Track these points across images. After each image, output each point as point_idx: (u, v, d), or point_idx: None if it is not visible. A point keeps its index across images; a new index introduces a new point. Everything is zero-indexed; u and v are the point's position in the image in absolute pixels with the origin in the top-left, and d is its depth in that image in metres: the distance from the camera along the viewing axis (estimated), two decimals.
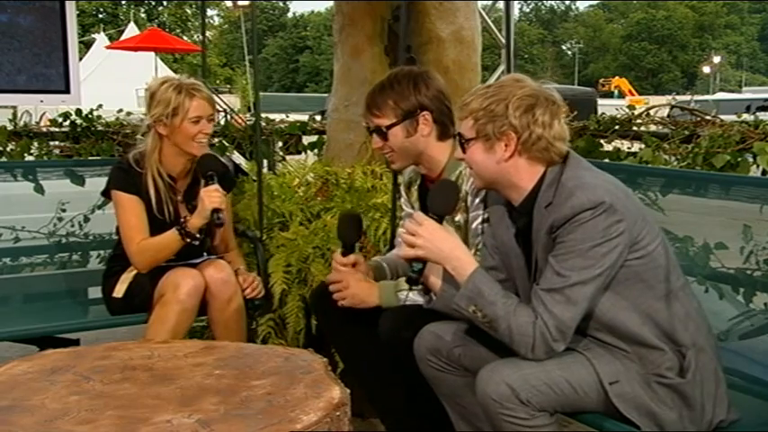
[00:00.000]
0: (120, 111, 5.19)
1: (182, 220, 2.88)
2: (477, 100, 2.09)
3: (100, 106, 5.00)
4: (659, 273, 2.03)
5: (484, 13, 5.16)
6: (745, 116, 4.14)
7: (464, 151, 2.16)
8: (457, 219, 2.53)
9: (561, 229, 1.97)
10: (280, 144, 5.27)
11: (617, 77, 50.19)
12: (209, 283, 2.84)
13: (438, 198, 2.21)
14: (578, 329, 2.01)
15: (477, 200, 2.48)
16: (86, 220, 3.73)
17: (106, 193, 3.08)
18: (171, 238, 2.87)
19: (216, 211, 2.80)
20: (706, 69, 61.75)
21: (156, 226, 2.95)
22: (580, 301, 1.95)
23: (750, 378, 2.37)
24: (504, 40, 5.30)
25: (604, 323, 2.03)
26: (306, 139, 5.23)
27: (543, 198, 2.06)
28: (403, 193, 2.83)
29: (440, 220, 2.15)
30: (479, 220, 2.49)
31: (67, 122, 4.74)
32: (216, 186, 2.85)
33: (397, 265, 2.75)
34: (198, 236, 2.88)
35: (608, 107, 10.35)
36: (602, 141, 4.09)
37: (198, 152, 2.95)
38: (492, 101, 2.06)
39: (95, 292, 3.33)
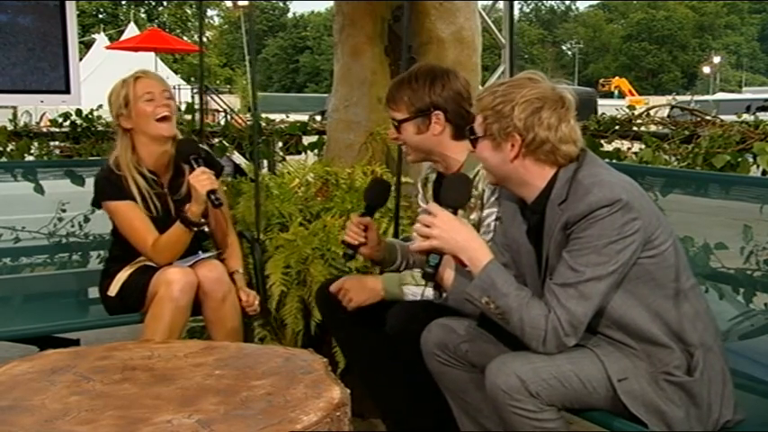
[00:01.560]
0: None
1: (183, 211, 2.87)
2: (488, 97, 2.09)
3: (100, 106, 5.01)
4: (670, 272, 2.03)
5: (484, 14, 5.16)
6: (746, 116, 4.15)
7: (474, 146, 2.16)
8: (472, 217, 2.53)
9: (577, 225, 1.97)
10: (280, 144, 5.29)
11: (617, 78, 50.23)
12: (201, 282, 2.83)
13: (451, 190, 2.21)
14: (588, 326, 2.00)
15: (494, 197, 2.48)
16: (86, 220, 3.73)
17: (96, 204, 3.07)
18: (179, 231, 2.87)
19: (211, 192, 2.80)
20: (706, 69, 61.76)
21: None
22: (593, 297, 1.96)
23: (750, 378, 2.37)
24: (504, 41, 5.31)
25: (614, 320, 2.03)
26: (306, 140, 5.25)
27: (556, 196, 2.05)
28: (419, 189, 2.85)
29: (454, 212, 2.15)
30: (493, 216, 2.50)
31: (68, 123, 4.75)
32: (202, 169, 2.83)
33: (408, 252, 2.75)
34: (203, 221, 2.90)
35: (608, 107, 10.35)
36: (602, 141, 4.10)
37: (166, 132, 2.94)
38: (500, 100, 2.05)
39: (95, 292, 3.33)
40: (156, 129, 2.93)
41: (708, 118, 3.91)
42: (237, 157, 5.73)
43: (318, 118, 6.05)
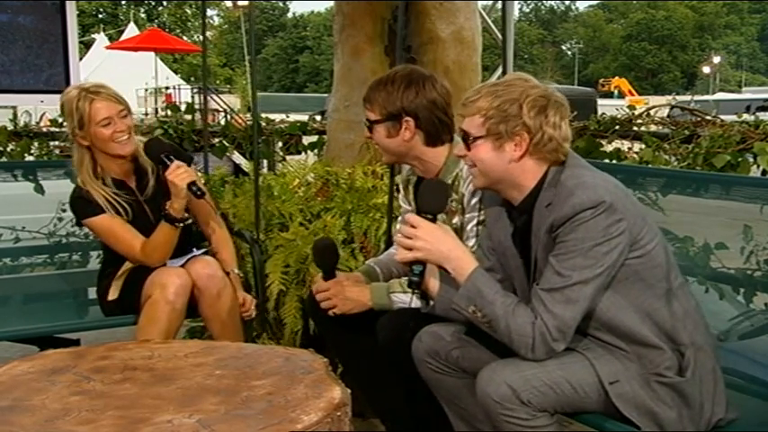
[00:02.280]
0: None
1: (164, 209, 2.83)
2: (486, 98, 2.07)
3: None
4: (658, 272, 2.03)
5: (484, 14, 5.16)
6: (746, 116, 4.15)
7: (468, 148, 2.13)
8: (454, 221, 2.52)
9: (562, 228, 1.96)
10: (280, 144, 5.28)
11: (617, 78, 50.21)
12: (195, 279, 2.81)
13: (428, 197, 2.18)
14: (578, 329, 2.00)
15: (474, 201, 2.47)
16: None
17: (78, 225, 3.06)
18: (165, 231, 2.83)
19: (191, 184, 2.76)
20: (706, 69, 61.75)
21: None
22: (580, 301, 1.95)
23: (750, 378, 2.37)
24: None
25: (604, 322, 2.03)
26: (306, 140, 5.25)
27: (544, 198, 2.05)
28: (401, 189, 2.84)
29: (434, 220, 2.13)
30: (474, 222, 2.49)
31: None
32: (177, 163, 2.78)
33: (390, 266, 2.74)
34: (187, 215, 2.85)
35: (608, 107, 10.35)
36: (602, 142, 4.10)
37: (124, 151, 2.91)
38: (504, 100, 2.04)
39: (95, 293, 3.33)
40: (114, 150, 2.89)
41: (708, 118, 3.91)
42: (237, 157, 5.73)
43: (318, 118, 6.04)
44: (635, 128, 4.05)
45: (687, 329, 2.04)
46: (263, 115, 5.85)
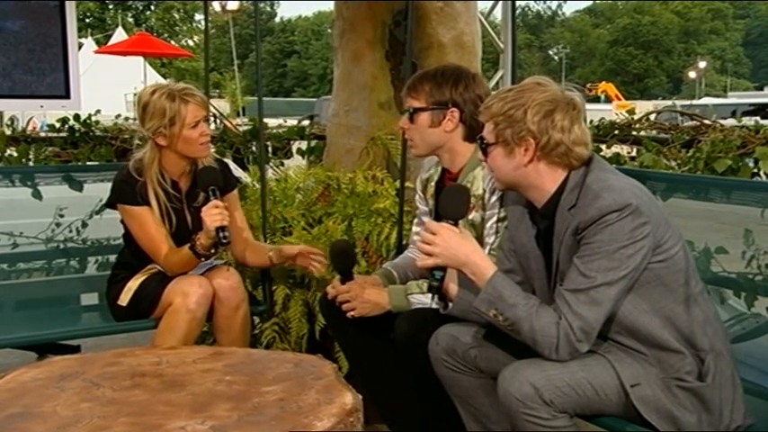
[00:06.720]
0: (119, 116, 5.20)
1: (194, 238, 2.80)
2: (497, 104, 2.09)
3: (98, 111, 5.00)
4: (680, 277, 2.04)
5: (483, 19, 5.16)
6: (746, 121, 4.19)
7: (485, 155, 2.16)
8: (471, 217, 2.56)
9: (587, 230, 1.97)
10: (270, 150, 5.27)
11: (603, 82, 50.40)
12: (217, 289, 2.82)
13: (449, 203, 2.21)
14: (599, 333, 2.01)
15: (494, 199, 2.50)
16: (84, 225, 3.72)
17: (111, 206, 3.00)
18: (188, 256, 2.82)
19: (220, 229, 2.71)
20: (691, 74, 62.06)
21: None
22: (605, 302, 1.96)
23: (747, 381, 2.36)
24: (502, 46, 5.33)
25: (625, 326, 2.04)
26: (297, 145, 5.24)
27: (566, 201, 2.06)
28: (418, 190, 2.85)
29: (455, 224, 2.15)
30: (494, 219, 2.52)
31: (66, 127, 4.74)
32: (215, 202, 2.75)
33: (407, 269, 2.76)
34: (212, 252, 2.83)
35: (595, 112, 10.38)
36: (600, 147, 4.11)
37: (203, 153, 2.91)
38: (511, 105, 2.06)
39: (93, 299, 3.32)
40: (195, 152, 2.90)
41: (707, 122, 3.94)
42: (229, 163, 5.70)
43: (307, 123, 6.04)
44: (634, 132, 4.06)
45: (707, 335, 2.05)
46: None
